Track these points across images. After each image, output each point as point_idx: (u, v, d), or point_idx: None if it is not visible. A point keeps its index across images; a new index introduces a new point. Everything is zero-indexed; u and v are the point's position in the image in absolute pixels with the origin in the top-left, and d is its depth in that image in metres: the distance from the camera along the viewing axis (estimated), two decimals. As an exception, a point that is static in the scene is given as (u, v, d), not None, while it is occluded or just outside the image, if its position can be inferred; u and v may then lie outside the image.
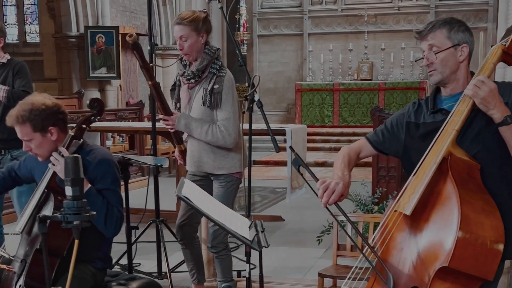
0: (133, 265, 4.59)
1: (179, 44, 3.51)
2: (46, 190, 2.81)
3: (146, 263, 4.90)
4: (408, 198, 2.25)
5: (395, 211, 2.31)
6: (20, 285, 2.69)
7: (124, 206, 4.09)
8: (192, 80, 3.58)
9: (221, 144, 3.54)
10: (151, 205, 4.53)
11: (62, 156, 2.76)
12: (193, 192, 2.59)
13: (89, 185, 2.77)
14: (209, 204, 2.63)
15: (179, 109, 3.74)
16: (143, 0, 14.09)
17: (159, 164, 4.06)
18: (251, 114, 3.16)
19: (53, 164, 2.80)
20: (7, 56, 4.55)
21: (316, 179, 2.30)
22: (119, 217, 2.84)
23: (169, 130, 3.71)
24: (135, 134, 8.99)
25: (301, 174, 2.41)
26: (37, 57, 15.50)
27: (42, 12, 14.81)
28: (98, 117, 2.96)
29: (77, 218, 1.99)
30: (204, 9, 3.72)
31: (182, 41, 3.50)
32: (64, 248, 2.71)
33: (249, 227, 2.49)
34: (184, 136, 3.81)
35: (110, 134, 9.92)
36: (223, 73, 3.55)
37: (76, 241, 2.00)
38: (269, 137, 3.06)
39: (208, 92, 3.51)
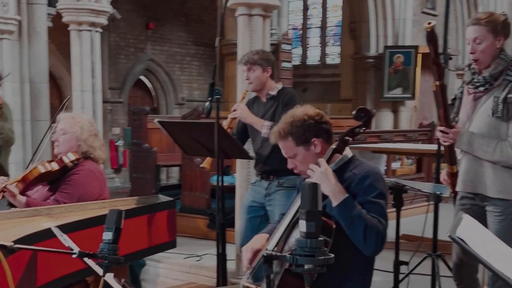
0: (405, 300, 4.24)
1: (472, 47, 3.14)
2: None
3: (420, 299, 4.44)
4: None
5: None
6: (266, 306, 2.50)
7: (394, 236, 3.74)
8: (481, 88, 3.14)
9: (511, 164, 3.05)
10: (427, 233, 4.11)
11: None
12: (471, 230, 2.11)
13: (347, 194, 2.50)
14: (490, 245, 2.11)
15: (456, 123, 3.30)
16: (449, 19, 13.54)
17: (438, 193, 3.58)
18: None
19: (309, 176, 2.56)
20: (279, 86, 4.18)
21: None
22: (381, 231, 2.48)
23: (444, 144, 3.27)
24: (423, 157, 8.50)
25: None
26: (335, 78, 15.88)
27: (344, 33, 15.15)
28: (364, 129, 2.70)
29: (310, 261, 1.64)
30: (503, 12, 3.24)
31: (475, 44, 3.12)
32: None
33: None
34: (458, 155, 3.34)
35: (397, 156, 9.59)
36: None
37: (307, 291, 1.66)
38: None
39: (500, 101, 3.05)
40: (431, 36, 3.08)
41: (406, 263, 3.79)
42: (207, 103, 3.82)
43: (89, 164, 3.60)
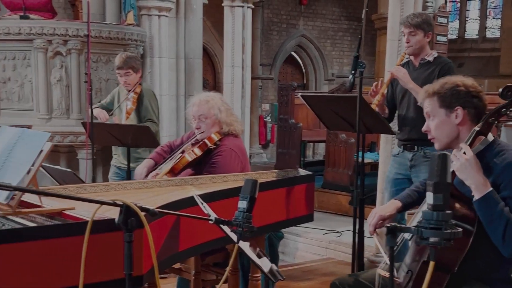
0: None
1: None
2: None
3: None
4: None
5: None
6: (402, 298, 2.42)
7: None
8: None
9: None
10: None
11: (464, 153, 2.38)
12: None
13: (490, 188, 2.32)
14: None
15: None
16: None
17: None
18: None
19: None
20: (434, 54, 4.15)
21: None
22: None
23: None
24: None
25: None
26: (494, 53, 15.00)
27: (506, 5, 14.25)
28: (511, 109, 2.46)
29: (435, 234, 1.58)
30: None
31: None
32: (456, 262, 2.33)
33: None
34: None
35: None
36: None
37: (432, 263, 1.60)
38: None
39: None
40: None
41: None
42: (351, 77, 3.81)
43: (229, 143, 3.64)
